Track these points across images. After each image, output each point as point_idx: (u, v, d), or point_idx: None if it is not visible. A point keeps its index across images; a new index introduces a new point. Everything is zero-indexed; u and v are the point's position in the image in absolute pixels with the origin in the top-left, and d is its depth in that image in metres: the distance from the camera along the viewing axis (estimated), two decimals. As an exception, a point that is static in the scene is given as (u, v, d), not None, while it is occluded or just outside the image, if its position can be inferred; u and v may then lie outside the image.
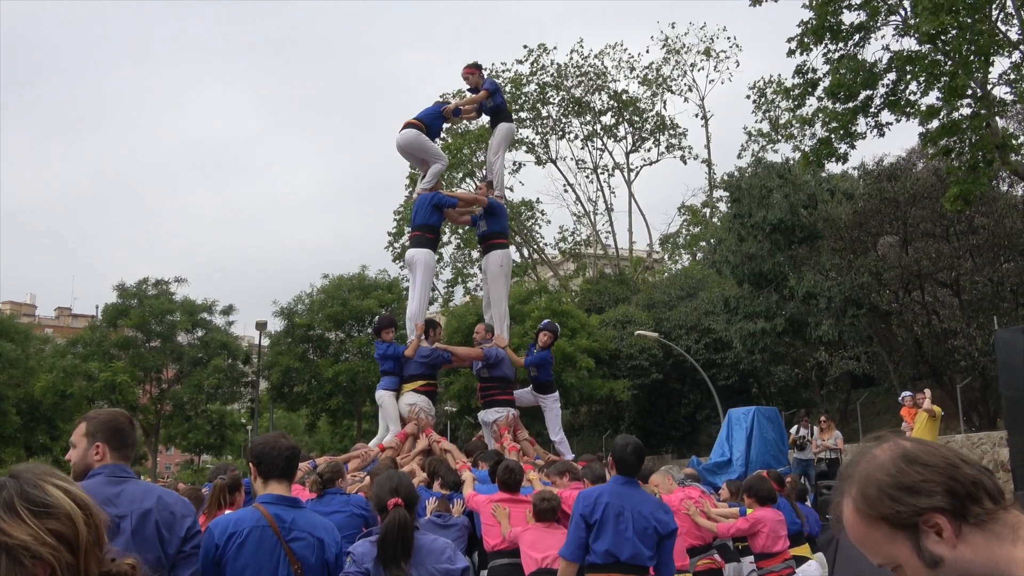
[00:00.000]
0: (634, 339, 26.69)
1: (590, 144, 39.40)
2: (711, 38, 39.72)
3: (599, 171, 39.70)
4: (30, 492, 1.41)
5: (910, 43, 14.68)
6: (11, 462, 30.38)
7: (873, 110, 14.97)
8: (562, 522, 5.59)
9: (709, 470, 12.64)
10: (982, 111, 13.90)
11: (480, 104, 10.89)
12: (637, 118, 39.13)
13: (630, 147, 39.72)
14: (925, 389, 13.13)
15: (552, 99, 37.85)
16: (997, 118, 15.16)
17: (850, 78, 14.50)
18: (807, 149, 16.75)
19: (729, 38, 50.54)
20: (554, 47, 51.08)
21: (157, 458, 36.70)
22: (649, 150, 40.31)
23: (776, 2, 15.86)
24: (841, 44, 15.09)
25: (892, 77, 14.63)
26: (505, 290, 10.58)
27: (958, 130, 14.04)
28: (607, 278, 36.90)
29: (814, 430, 14.63)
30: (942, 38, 13.50)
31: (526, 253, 38.54)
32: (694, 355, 24.99)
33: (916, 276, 20.13)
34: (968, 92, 13.85)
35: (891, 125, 15.19)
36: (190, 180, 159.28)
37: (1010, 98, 15.61)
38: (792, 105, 16.59)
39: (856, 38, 15.08)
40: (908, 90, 14.69)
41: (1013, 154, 15.17)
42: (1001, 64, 17.94)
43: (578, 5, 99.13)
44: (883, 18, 15.02)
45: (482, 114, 11.42)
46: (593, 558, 4.75)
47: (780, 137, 34.83)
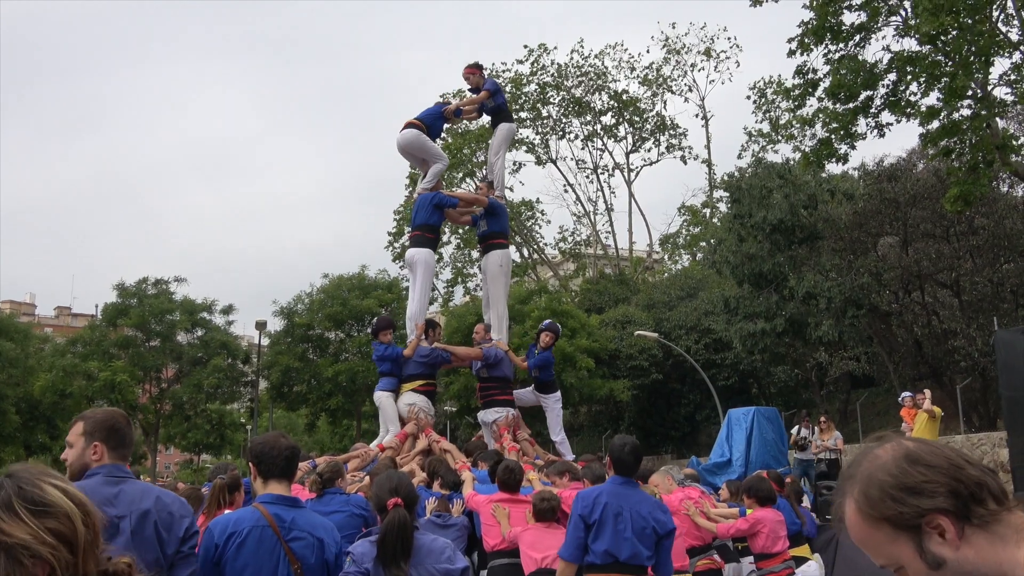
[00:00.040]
0: (634, 339, 26.67)
1: (590, 144, 39.41)
2: (711, 38, 39.74)
3: (599, 171, 39.71)
4: (28, 491, 1.40)
5: (910, 44, 14.70)
6: (10, 461, 30.36)
7: (873, 111, 14.97)
8: (562, 522, 5.58)
9: (709, 470, 12.64)
10: (982, 112, 13.90)
11: (481, 104, 10.90)
12: (637, 118, 39.09)
13: (630, 147, 39.72)
14: (925, 390, 13.15)
15: (552, 99, 37.84)
16: (997, 119, 15.16)
17: (850, 79, 14.49)
18: (807, 149, 16.75)
19: (729, 38, 50.34)
20: (554, 47, 51.01)
21: (156, 458, 36.70)
22: (649, 150, 40.33)
23: (776, 2, 15.82)
24: (841, 44, 15.09)
25: (892, 78, 14.63)
26: (504, 290, 10.59)
27: (958, 131, 14.04)
28: (607, 278, 36.88)
29: (814, 430, 14.62)
30: (942, 39, 13.50)
31: (526, 253, 38.52)
32: (694, 355, 24.98)
33: (916, 277, 20.12)
34: (968, 93, 13.85)
35: (891, 126, 15.20)
36: (190, 180, 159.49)
37: (1010, 99, 15.61)
38: (792, 105, 16.59)
39: (856, 39, 15.08)
40: (908, 91, 14.70)
41: (1013, 155, 15.17)
42: (1001, 65, 17.87)
43: (578, 5, 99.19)
44: (883, 19, 15.03)
45: (483, 114, 11.44)
46: (592, 558, 4.74)
47: (780, 137, 34.82)
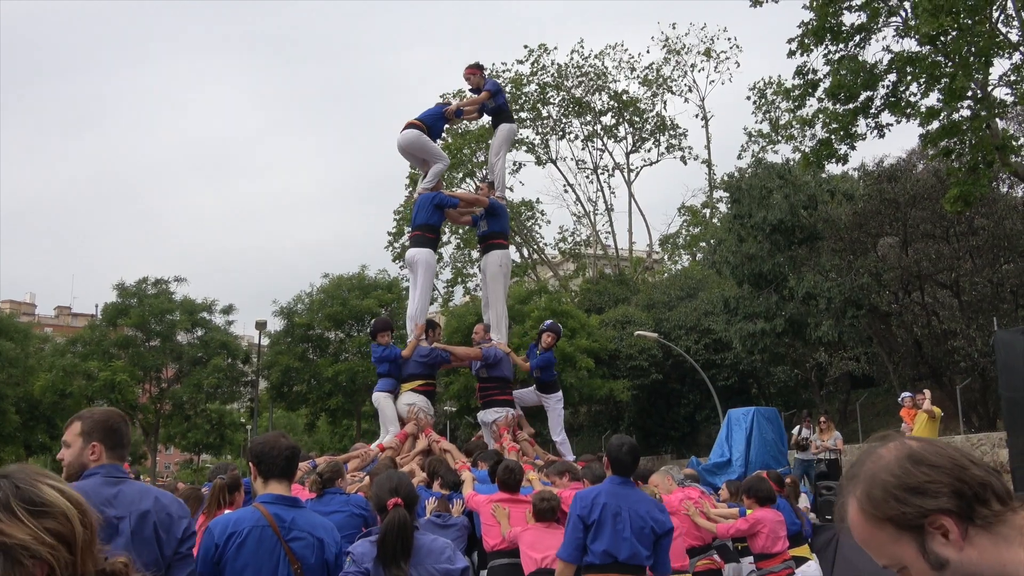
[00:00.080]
0: (634, 339, 26.66)
1: (590, 144, 39.39)
2: (711, 39, 39.70)
3: (599, 171, 39.70)
4: (26, 492, 1.39)
5: (910, 44, 14.70)
6: (10, 461, 30.32)
7: (873, 111, 14.97)
8: (561, 522, 5.58)
9: (709, 470, 12.63)
10: (982, 112, 13.90)
11: (481, 105, 10.91)
12: (637, 118, 39.08)
13: (630, 147, 39.70)
14: (925, 390, 13.15)
15: (552, 99, 37.83)
16: (997, 119, 15.16)
17: (850, 79, 14.50)
18: (807, 150, 16.75)
19: (729, 39, 50.13)
20: (554, 47, 50.87)
21: (156, 458, 36.70)
22: (649, 150, 40.30)
23: (776, 3, 15.82)
24: (841, 45, 15.10)
25: (892, 78, 14.63)
26: (504, 290, 10.60)
27: (958, 131, 14.04)
28: (607, 278, 36.87)
29: (815, 430, 14.61)
30: (942, 39, 13.51)
31: (526, 253, 38.50)
32: (694, 355, 24.97)
33: (916, 277, 20.12)
34: (968, 93, 13.85)
35: (891, 126, 15.20)
36: (190, 180, 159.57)
37: (1010, 99, 15.61)
38: (792, 106, 16.60)
39: (857, 39, 15.09)
40: (908, 91, 14.70)
41: (1013, 155, 15.17)
42: (1001, 65, 17.88)
43: (578, 5, 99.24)
44: (883, 19, 15.03)
45: (483, 115, 11.45)
46: (591, 558, 4.74)
47: (780, 138, 34.81)
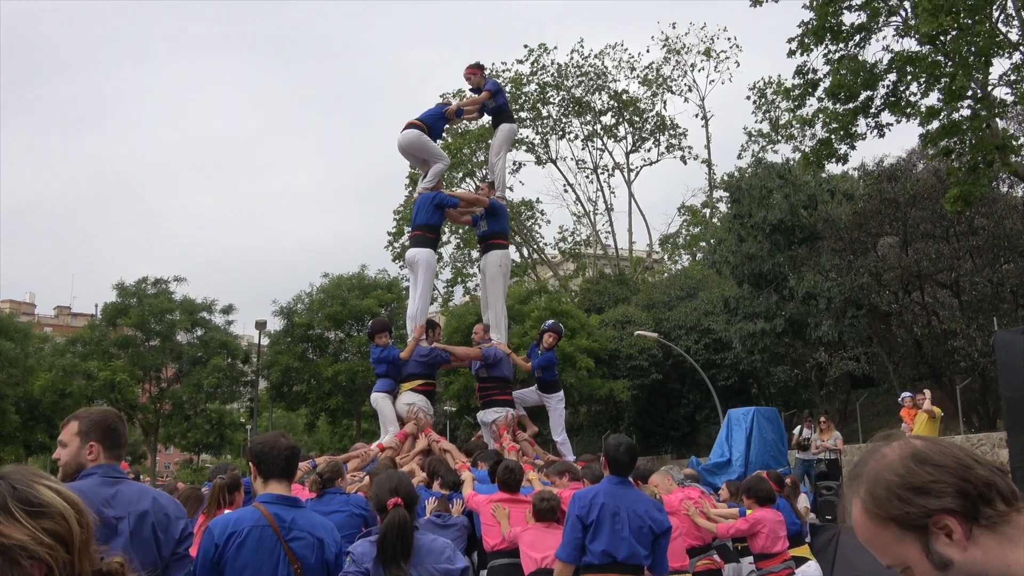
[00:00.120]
0: (634, 339, 26.65)
1: (590, 144, 39.37)
2: (711, 38, 39.69)
3: (599, 171, 39.68)
4: (23, 492, 1.39)
5: (910, 44, 14.70)
6: (10, 461, 30.35)
7: (873, 111, 14.96)
8: (561, 522, 5.57)
9: (708, 470, 12.61)
10: (982, 112, 13.89)
11: (482, 104, 10.90)
12: (637, 118, 39.07)
13: (630, 147, 39.68)
14: (925, 390, 13.15)
15: (552, 99, 37.81)
16: (997, 119, 15.15)
17: (850, 79, 14.49)
18: (807, 150, 16.74)
19: (729, 38, 50.17)
20: (554, 47, 50.82)
21: (156, 457, 36.69)
22: (649, 150, 40.29)
23: (776, 2, 15.81)
24: (841, 45, 15.09)
25: (892, 78, 14.62)
26: (503, 290, 10.60)
27: (958, 131, 14.03)
28: (607, 278, 36.86)
29: (816, 430, 14.60)
30: (942, 39, 13.50)
31: (526, 253, 38.49)
32: (694, 355, 24.96)
33: (916, 277, 20.11)
34: (968, 93, 13.84)
35: (891, 126, 15.20)
36: (190, 180, 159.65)
37: (1010, 99, 15.60)
38: (792, 106, 16.59)
39: (856, 39, 15.08)
40: (908, 91, 14.69)
41: (1013, 155, 15.16)
42: (1001, 65, 17.90)
43: (578, 5, 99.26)
44: (883, 19, 15.02)
45: (484, 114, 11.44)
46: (590, 558, 4.74)
47: (780, 137, 34.78)
